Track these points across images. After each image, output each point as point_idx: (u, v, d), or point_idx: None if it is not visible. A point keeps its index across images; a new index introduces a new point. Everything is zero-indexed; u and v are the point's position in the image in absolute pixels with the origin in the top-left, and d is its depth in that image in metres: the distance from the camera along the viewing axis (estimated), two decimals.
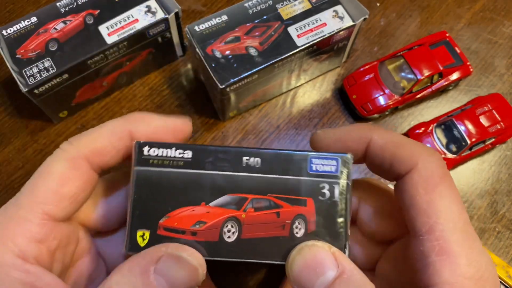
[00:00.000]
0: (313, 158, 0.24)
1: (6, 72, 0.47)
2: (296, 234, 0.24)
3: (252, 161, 0.24)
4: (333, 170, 0.24)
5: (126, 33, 0.40)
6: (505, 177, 0.44)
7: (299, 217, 0.24)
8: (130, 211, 0.24)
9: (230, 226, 0.24)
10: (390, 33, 0.50)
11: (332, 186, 0.24)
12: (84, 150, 0.24)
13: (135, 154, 0.24)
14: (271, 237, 0.24)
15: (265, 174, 0.24)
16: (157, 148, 0.24)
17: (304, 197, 0.24)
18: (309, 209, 0.24)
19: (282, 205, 0.24)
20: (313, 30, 0.40)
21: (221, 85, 0.38)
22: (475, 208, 0.43)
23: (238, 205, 0.24)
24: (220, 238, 0.24)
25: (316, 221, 0.24)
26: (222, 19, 0.40)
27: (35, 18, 0.40)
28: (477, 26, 0.50)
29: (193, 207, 0.24)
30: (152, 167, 0.24)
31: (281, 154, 0.24)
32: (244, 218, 0.24)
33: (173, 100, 0.46)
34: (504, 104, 0.44)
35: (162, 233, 0.23)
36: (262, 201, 0.24)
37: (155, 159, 0.24)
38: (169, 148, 0.24)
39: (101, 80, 0.43)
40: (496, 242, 0.42)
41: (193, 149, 0.24)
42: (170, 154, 0.24)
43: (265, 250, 0.24)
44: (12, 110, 0.46)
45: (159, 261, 0.22)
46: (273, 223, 0.24)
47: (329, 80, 0.48)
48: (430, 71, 0.44)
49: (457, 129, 0.43)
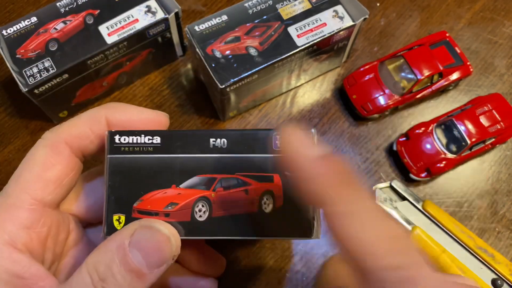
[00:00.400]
0: (277, 135, 0.25)
1: (6, 72, 0.47)
2: (264, 209, 0.25)
3: (218, 142, 0.25)
4: None
5: (126, 33, 0.40)
6: (505, 177, 0.44)
7: (267, 193, 0.25)
8: (106, 197, 0.25)
9: (201, 206, 0.25)
10: (390, 33, 0.50)
11: None
12: (63, 135, 0.25)
13: (107, 143, 0.25)
14: (241, 214, 0.25)
15: (232, 154, 0.25)
16: (127, 136, 0.25)
17: (271, 174, 0.25)
18: (276, 185, 0.25)
19: (250, 183, 0.25)
20: (313, 30, 0.40)
21: (221, 85, 0.38)
22: (475, 208, 0.43)
23: (207, 185, 0.25)
24: (192, 217, 0.24)
25: (284, 196, 0.24)
26: (222, 19, 0.40)
27: (35, 18, 0.40)
28: (477, 26, 0.50)
29: (164, 190, 0.25)
30: (124, 154, 0.25)
31: (245, 133, 0.25)
32: (214, 197, 0.25)
33: (173, 100, 0.46)
34: (504, 104, 0.44)
35: (136, 216, 0.24)
36: (230, 180, 0.25)
37: (126, 146, 0.25)
38: (139, 135, 0.25)
39: (101, 80, 0.43)
40: (496, 242, 0.42)
41: (161, 134, 0.25)
42: (139, 141, 0.25)
43: (236, 227, 0.25)
44: (12, 110, 0.46)
45: (133, 234, 0.22)
46: (242, 200, 0.25)
47: (329, 80, 0.48)
48: (430, 71, 0.44)
49: (457, 129, 0.43)
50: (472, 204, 0.43)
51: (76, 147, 0.25)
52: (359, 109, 0.45)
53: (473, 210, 0.43)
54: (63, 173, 0.25)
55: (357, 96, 0.45)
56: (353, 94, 0.45)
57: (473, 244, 0.39)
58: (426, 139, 0.43)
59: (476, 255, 0.38)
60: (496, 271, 0.38)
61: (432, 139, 0.43)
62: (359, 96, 0.45)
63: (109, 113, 0.26)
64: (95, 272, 0.21)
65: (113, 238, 0.23)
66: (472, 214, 0.42)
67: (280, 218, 0.25)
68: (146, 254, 0.22)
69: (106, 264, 0.21)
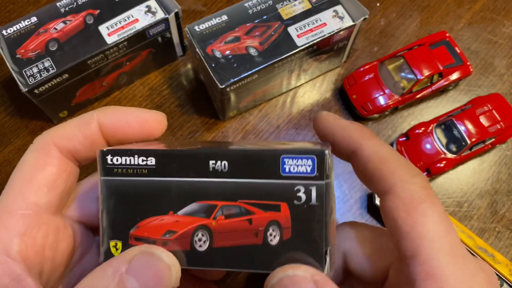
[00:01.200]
0: (285, 158, 0.22)
1: (6, 72, 0.47)
2: (270, 242, 0.22)
3: (218, 165, 0.22)
4: (308, 171, 0.21)
5: (126, 33, 0.40)
6: (505, 177, 0.44)
7: (273, 224, 0.22)
8: (100, 221, 0.23)
9: (201, 235, 0.23)
10: (390, 33, 0.50)
11: (308, 188, 0.22)
12: (51, 136, 0.24)
13: (100, 163, 0.23)
14: (244, 246, 0.22)
15: (234, 178, 0.22)
16: (119, 157, 0.23)
17: (278, 202, 0.22)
18: (284, 215, 0.22)
19: (254, 212, 0.22)
20: (313, 30, 0.40)
21: (221, 85, 0.38)
22: (475, 208, 0.43)
23: (207, 213, 0.23)
24: (192, 247, 0.23)
25: (292, 227, 0.22)
26: (222, 19, 0.40)
27: (35, 18, 0.40)
28: (477, 26, 0.50)
29: (161, 217, 0.23)
30: (117, 177, 0.23)
31: (249, 155, 0.22)
32: (215, 226, 0.23)
33: (173, 100, 0.46)
34: (504, 104, 0.44)
35: (133, 243, 0.23)
36: (232, 208, 0.22)
37: (119, 167, 0.23)
38: (132, 156, 0.23)
39: (101, 80, 0.43)
40: (496, 242, 0.42)
41: (156, 155, 0.23)
42: (133, 162, 0.23)
43: (238, 258, 0.22)
44: (12, 110, 0.46)
45: (132, 260, 0.21)
46: (245, 230, 0.22)
47: (329, 80, 0.48)
48: (430, 71, 0.44)
49: (457, 129, 0.43)
50: (472, 204, 0.43)
51: (64, 148, 0.25)
52: (359, 109, 0.45)
53: (473, 210, 0.43)
54: (55, 174, 0.24)
55: (357, 96, 0.45)
56: (353, 94, 0.45)
57: (473, 244, 0.39)
58: (426, 139, 0.43)
59: (476, 255, 0.38)
60: (496, 271, 0.38)
61: (432, 139, 0.43)
62: (359, 96, 0.45)
63: (100, 115, 0.25)
64: None
65: (110, 263, 0.21)
66: (472, 214, 0.42)
67: (288, 251, 0.22)
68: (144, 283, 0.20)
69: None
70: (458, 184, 0.44)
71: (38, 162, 0.24)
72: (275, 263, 0.22)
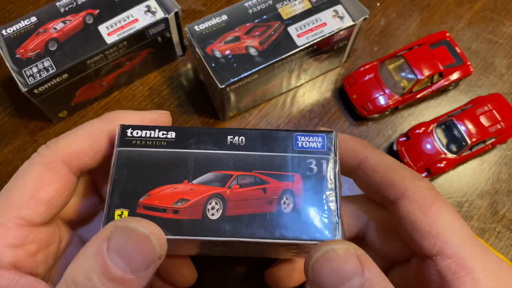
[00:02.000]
0: (298, 135, 0.24)
1: (6, 72, 0.47)
2: (284, 209, 0.23)
3: (236, 140, 0.24)
4: (319, 147, 0.24)
5: (126, 33, 0.40)
6: (506, 177, 0.44)
7: (287, 192, 0.23)
8: (109, 190, 0.23)
9: (214, 203, 0.23)
10: (390, 33, 0.49)
11: (319, 161, 0.23)
12: (61, 153, 0.24)
13: (118, 136, 0.24)
14: (257, 214, 0.23)
15: (250, 151, 0.24)
16: (140, 130, 0.24)
17: (291, 173, 0.23)
18: (297, 184, 0.23)
19: (268, 181, 0.23)
20: (313, 30, 0.40)
21: (221, 85, 0.38)
22: (476, 208, 0.43)
23: (223, 182, 0.23)
24: (204, 216, 0.23)
25: (305, 196, 0.23)
26: (222, 19, 0.40)
27: (35, 18, 0.40)
28: (478, 26, 0.50)
29: (175, 185, 0.23)
30: (134, 147, 0.24)
31: (265, 133, 0.24)
32: (229, 194, 0.23)
33: (173, 100, 0.46)
34: (504, 104, 0.44)
35: (141, 212, 0.23)
36: (247, 177, 0.23)
37: (138, 139, 0.24)
38: (152, 130, 0.24)
39: (101, 80, 0.43)
40: (496, 242, 0.41)
41: (177, 130, 0.24)
42: (153, 135, 0.24)
43: (251, 228, 0.23)
44: (12, 110, 0.46)
45: (111, 238, 0.20)
46: (260, 199, 0.23)
47: (329, 80, 0.48)
48: (431, 71, 0.44)
49: (457, 129, 0.43)
50: (472, 204, 0.43)
51: (74, 165, 0.24)
52: (359, 109, 0.44)
53: (473, 210, 0.43)
54: (58, 193, 0.23)
55: (357, 96, 0.45)
56: (353, 94, 0.45)
57: None
58: (426, 139, 0.43)
59: None
60: None
61: (432, 139, 0.43)
62: (359, 96, 0.45)
63: (111, 126, 0.25)
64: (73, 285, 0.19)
65: (90, 243, 0.20)
66: (472, 214, 0.42)
67: (301, 218, 0.23)
68: (128, 258, 0.20)
69: (84, 274, 0.19)
70: (459, 184, 0.44)
71: (42, 179, 0.23)
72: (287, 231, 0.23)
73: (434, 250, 0.22)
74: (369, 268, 0.20)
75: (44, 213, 0.23)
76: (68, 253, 0.27)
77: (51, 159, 0.24)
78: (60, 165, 0.24)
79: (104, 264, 0.19)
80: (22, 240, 0.23)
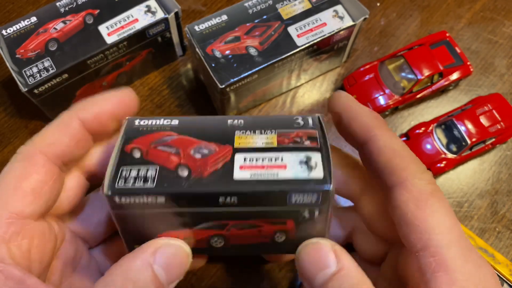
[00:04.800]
0: (293, 194, 0.23)
1: (6, 72, 0.47)
2: (277, 240, 0.25)
3: (228, 200, 0.23)
4: (313, 202, 0.23)
5: (126, 33, 0.40)
6: (506, 177, 0.44)
7: (280, 231, 0.25)
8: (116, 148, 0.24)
9: (217, 239, 0.25)
10: (390, 33, 0.49)
11: (312, 211, 0.24)
12: (37, 145, 0.25)
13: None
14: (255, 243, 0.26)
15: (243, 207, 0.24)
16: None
17: (284, 219, 0.24)
18: (289, 226, 0.25)
19: (263, 225, 0.25)
20: (313, 30, 0.40)
21: (221, 85, 0.38)
22: (476, 208, 0.43)
23: (221, 227, 0.25)
24: (208, 245, 0.26)
25: (296, 231, 0.25)
26: (222, 19, 0.40)
27: (35, 18, 0.40)
28: (478, 26, 0.50)
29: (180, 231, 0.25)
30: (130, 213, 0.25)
31: (257, 193, 0.23)
32: (228, 234, 0.25)
33: (173, 100, 0.46)
34: (504, 104, 0.44)
35: None
36: (243, 224, 0.25)
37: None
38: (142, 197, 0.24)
39: (101, 80, 0.43)
40: (496, 242, 0.41)
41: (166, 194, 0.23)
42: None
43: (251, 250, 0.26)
44: (12, 110, 0.46)
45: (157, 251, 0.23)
46: (255, 236, 0.25)
47: (329, 80, 0.48)
48: (430, 71, 0.44)
49: (457, 129, 0.43)
50: (472, 204, 0.43)
51: (52, 154, 0.25)
52: None
53: (473, 210, 0.43)
54: (41, 182, 0.24)
55: (357, 96, 0.45)
56: (353, 94, 0.45)
57: (473, 244, 0.39)
58: (426, 139, 0.43)
59: None
60: (496, 271, 0.38)
61: (432, 139, 0.43)
62: (359, 96, 0.45)
63: (80, 112, 0.26)
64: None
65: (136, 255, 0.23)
66: (472, 214, 0.42)
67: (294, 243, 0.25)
68: (169, 271, 0.23)
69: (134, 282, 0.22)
70: (458, 184, 0.44)
71: (24, 171, 0.24)
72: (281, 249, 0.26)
73: (419, 245, 0.22)
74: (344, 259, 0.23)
75: (32, 204, 0.24)
76: (62, 251, 0.27)
77: (29, 153, 0.25)
78: (38, 156, 0.25)
79: (153, 275, 0.22)
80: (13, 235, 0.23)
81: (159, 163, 0.24)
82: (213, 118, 0.26)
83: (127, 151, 0.24)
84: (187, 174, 0.23)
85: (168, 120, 0.26)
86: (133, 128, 0.25)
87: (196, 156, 0.24)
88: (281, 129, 0.25)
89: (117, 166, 0.24)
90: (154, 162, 0.24)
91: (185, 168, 0.24)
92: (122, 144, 0.25)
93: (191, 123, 0.26)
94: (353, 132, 0.26)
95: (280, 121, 0.26)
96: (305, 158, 0.24)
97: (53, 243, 0.26)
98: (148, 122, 0.26)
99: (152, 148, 0.24)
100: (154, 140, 0.25)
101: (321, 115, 0.26)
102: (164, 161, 0.24)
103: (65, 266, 0.27)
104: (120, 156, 0.24)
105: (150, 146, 0.24)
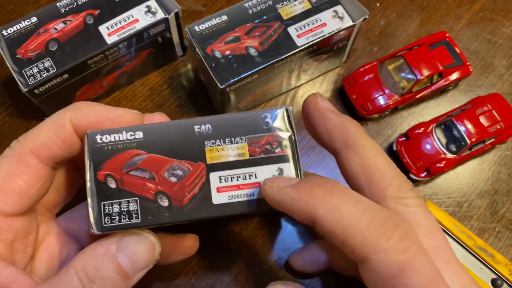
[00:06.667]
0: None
1: (6, 72, 0.47)
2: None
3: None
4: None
5: (126, 33, 0.40)
6: (505, 177, 0.44)
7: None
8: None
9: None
10: (390, 33, 0.50)
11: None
12: (29, 145, 0.25)
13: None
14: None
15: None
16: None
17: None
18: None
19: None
20: (313, 30, 0.40)
21: (221, 85, 0.38)
22: (475, 208, 0.43)
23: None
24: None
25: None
26: (222, 19, 0.40)
27: (35, 18, 0.40)
28: (477, 26, 0.50)
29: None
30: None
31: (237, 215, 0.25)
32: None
33: (173, 100, 0.46)
34: (504, 104, 0.44)
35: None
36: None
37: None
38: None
39: (101, 80, 0.43)
40: (496, 242, 0.42)
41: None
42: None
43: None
44: (12, 110, 0.46)
45: (121, 239, 0.23)
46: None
47: (329, 80, 0.48)
48: (430, 71, 0.44)
49: (457, 129, 0.43)
50: (472, 204, 0.43)
51: (43, 155, 0.25)
52: (359, 109, 0.45)
53: (473, 210, 0.43)
54: (29, 183, 0.24)
55: (357, 96, 0.45)
56: (353, 94, 0.45)
57: (472, 244, 0.39)
58: (426, 139, 0.43)
59: (476, 255, 0.38)
60: (496, 271, 0.38)
61: (432, 139, 0.43)
62: (359, 96, 0.45)
63: (74, 115, 0.25)
64: (84, 274, 0.22)
65: (100, 243, 0.23)
66: (472, 214, 0.43)
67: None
68: (133, 259, 0.23)
69: (95, 266, 0.22)
70: (458, 184, 0.44)
71: (12, 171, 0.24)
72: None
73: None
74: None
75: (16, 204, 0.24)
76: (48, 243, 0.27)
77: (21, 151, 0.24)
78: (29, 156, 0.24)
79: (114, 260, 0.23)
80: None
81: (137, 192, 0.24)
82: (178, 124, 0.25)
83: (101, 179, 0.24)
84: (167, 203, 0.24)
85: (131, 133, 0.25)
86: (97, 148, 0.24)
87: (172, 180, 0.24)
88: (250, 135, 0.25)
89: (97, 202, 0.24)
90: (132, 192, 0.24)
91: (164, 196, 0.24)
92: (93, 171, 0.24)
93: (156, 135, 0.25)
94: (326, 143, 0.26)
95: (248, 121, 0.25)
96: (277, 171, 0.25)
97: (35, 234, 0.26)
98: (110, 137, 0.24)
99: (124, 174, 0.24)
100: (123, 163, 0.24)
101: (289, 108, 0.26)
102: (141, 191, 0.24)
103: (51, 259, 0.27)
104: (96, 189, 0.24)
105: (122, 171, 0.24)
